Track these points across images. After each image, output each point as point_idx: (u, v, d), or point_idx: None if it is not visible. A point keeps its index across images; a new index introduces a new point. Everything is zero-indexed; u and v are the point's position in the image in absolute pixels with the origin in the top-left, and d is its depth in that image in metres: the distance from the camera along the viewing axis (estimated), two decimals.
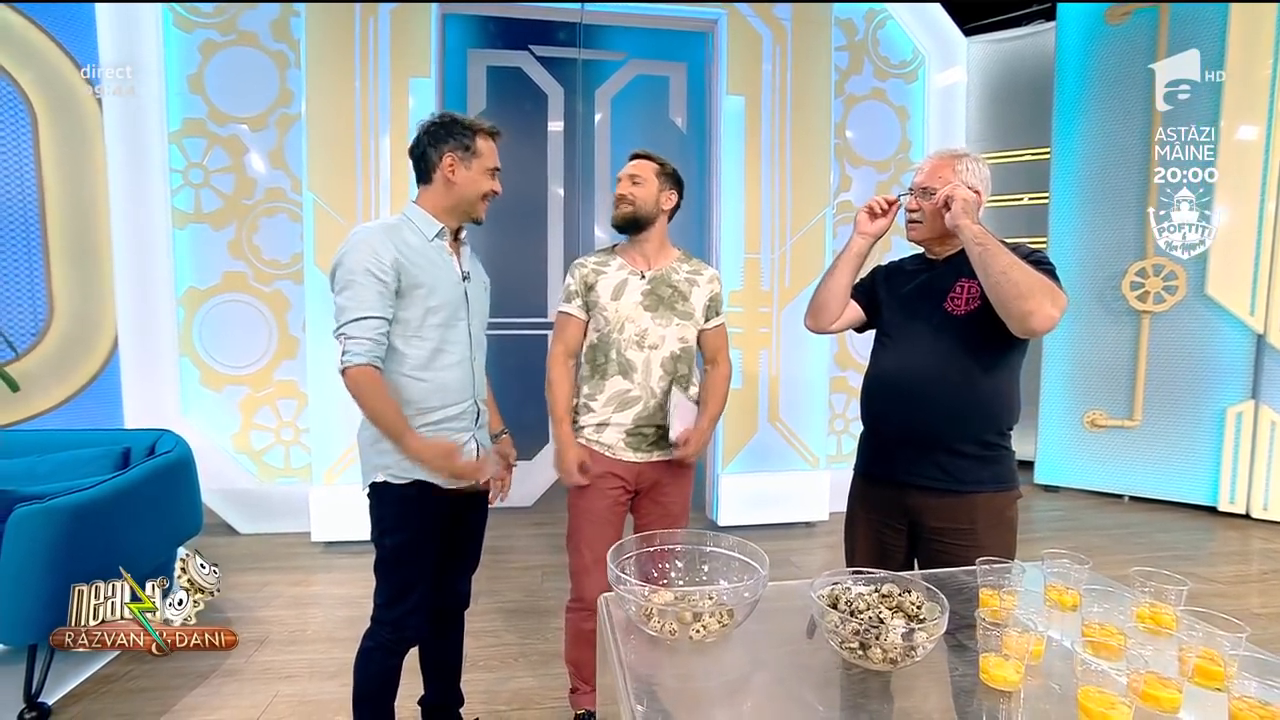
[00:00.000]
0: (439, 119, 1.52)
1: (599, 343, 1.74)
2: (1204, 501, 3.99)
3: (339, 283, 1.41)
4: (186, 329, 3.44)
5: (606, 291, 1.73)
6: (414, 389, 1.47)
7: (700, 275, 1.80)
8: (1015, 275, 1.28)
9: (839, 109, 3.91)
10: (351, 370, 1.37)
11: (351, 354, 1.37)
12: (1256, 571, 3.23)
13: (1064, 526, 3.81)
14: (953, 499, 1.41)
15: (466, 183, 1.52)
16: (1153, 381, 4.05)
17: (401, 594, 1.51)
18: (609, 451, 1.73)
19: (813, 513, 3.73)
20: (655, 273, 1.75)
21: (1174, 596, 1.04)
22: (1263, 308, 3.77)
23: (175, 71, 3.35)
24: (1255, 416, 3.82)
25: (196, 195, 3.42)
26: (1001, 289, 1.28)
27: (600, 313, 1.72)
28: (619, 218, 1.74)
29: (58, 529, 1.88)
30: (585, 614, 1.76)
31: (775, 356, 3.69)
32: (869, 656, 0.89)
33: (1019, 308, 1.27)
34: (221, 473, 3.40)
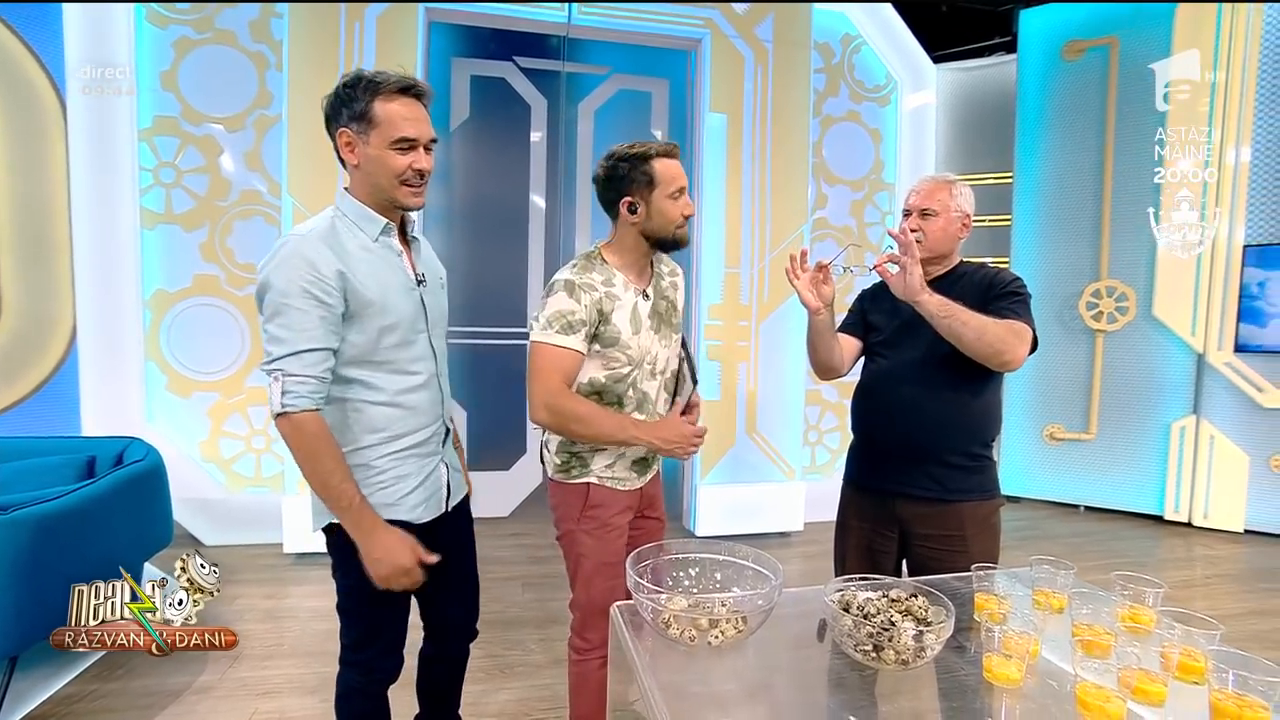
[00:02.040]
0: (339, 83, 1.23)
1: (610, 383, 1.50)
2: (1152, 511, 4.22)
3: (269, 307, 1.16)
4: (153, 332, 3.32)
5: (625, 324, 1.47)
6: (377, 416, 1.27)
7: (676, 276, 1.68)
8: (989, 335, 1.36)
9: (816, 129, 4.04)
10: (297, 416, 1.14)
11: (295, 395, 1.14)
12: (1200, 576, 3.43)
13: (1026, 535, 3.97)
14: (942, 507, 1.48)
15: (370, 164, 1.22)
16: (1106, 397, 4.27)
17: (369, 637, 1.36)
18: (621, 485, 1.56)
19: (789, 523, 3.80)
20: (653, 287, 1.58)
21: (1151, 599, 1.12)
22: (1202, 328, 4.03)
23: (147, 68, 3.25)
24: (1196, 430, 4.07)
25: (167, 195, 3.31)
26: (979, 349, 1.37)
27: (622, 350, 1.47)
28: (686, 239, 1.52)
29: (21, 542, 1.80)
30: (601, 660, 1.53)
31: (753, 370, 3.76)
32: (882, 658, 0.94)
33: (999, 360, 1.38)
34: (188, 482, 3.28)
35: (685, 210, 1.49)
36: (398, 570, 1.21)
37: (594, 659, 1.57)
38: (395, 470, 1.31)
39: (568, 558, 1.59)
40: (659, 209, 1.47)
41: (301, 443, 1.15)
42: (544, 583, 3.07)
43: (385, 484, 1.30)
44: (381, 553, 1.20)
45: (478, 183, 4.02)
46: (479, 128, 3.95)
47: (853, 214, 4.21)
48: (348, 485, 1.19)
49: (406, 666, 1.47)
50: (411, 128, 1.20)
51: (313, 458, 1.16)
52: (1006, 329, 1.38)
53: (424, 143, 1.24)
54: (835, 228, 4.18)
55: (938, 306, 1.37)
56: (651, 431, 1.46)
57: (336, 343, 1.20)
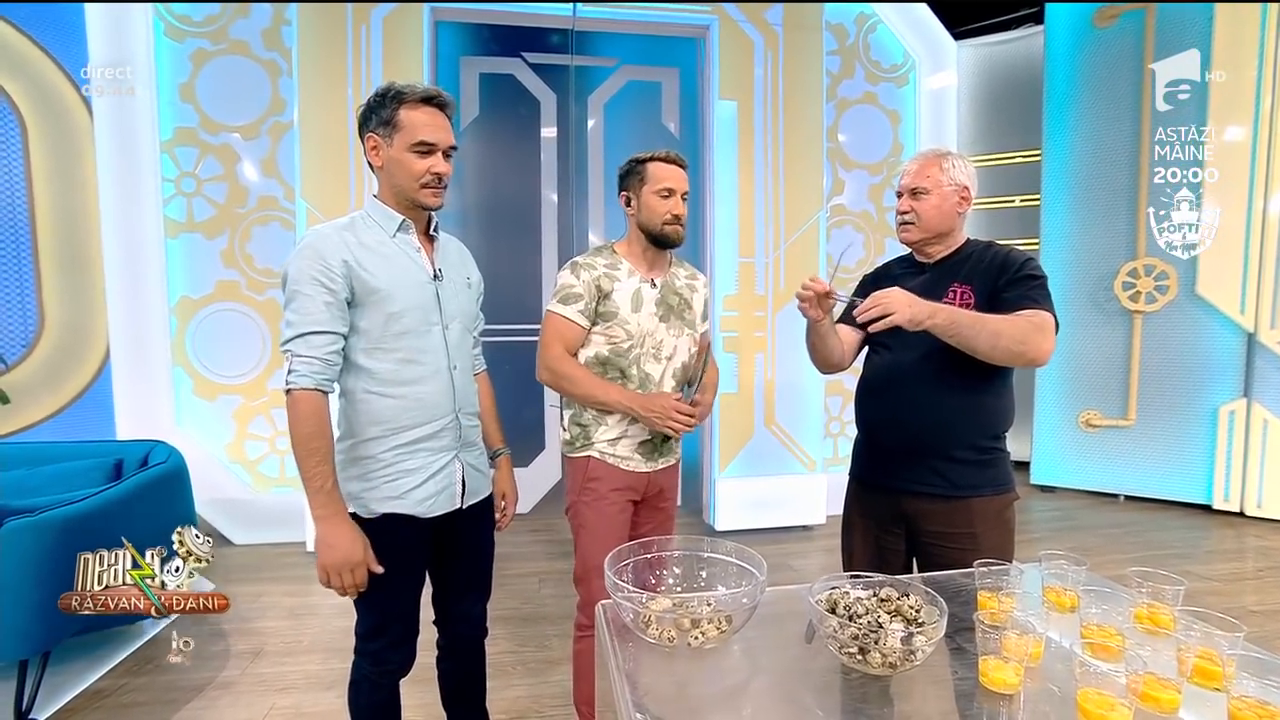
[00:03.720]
0: (371, 94, 1.33)
1: (613, 356, 1.63)
2: (1199, 500, 4.01)
3: (286, 295, 1.27)
4: (179, 338, 3.42)
5: (625, 302, 1.61)
6: (383, 406, 1.32)
7: (696, 281, 1.78)
8: (1005, 338, 1.28)
9: (831, 113, 3.93)
10: (296, 393, 1.22)
11: (298, 374, 1.23)
12: (1251, 569, 3.25)
13: (1060, 527, 3.82)
14: (951, 504, 1.41)
15: (393, 165, 1.31)
16: (1146, 381, 4.07)
17: (380, 628, 1.40)
18: (624, 464, 1.65)
19: (810, 516, 3.73)
20: (663, 280, 1.68)
21: (1171, 596, 1.04)
22: (1253, 306, 3.79)
23: (166, 80, 3.34)
24: (1248, 414, 3.84)
25: (189, 204, 3.41)
26: (998, 353, 1.30)
27: (621, 325, 1.61)
28: (678, 238, 1.62)
29: (49, 542, 1.86)
30: None
31: (770, 360, 3.69)
32: (868, 661, 0.89)
33: (1022, 360, 1.31)
34: (215, 483, 3.38)
35: (673, 209, 1.60)
36: (345, 562, 1.23)
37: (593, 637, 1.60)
38: (401, 464, 1.34)
39: (573, 533, 1.70)
40: (646, 204, 1.61)
41: (295, 418, 1.23)
42: (562, 579, 3.07)
43: (390, 477, 1.33)
44: (335, 540, 1.23)
45: (490, 180, 4.03)
46: (489, 125, 3.96)
47: (871, 199, 4.09)
48: (325, 467, 1.24)
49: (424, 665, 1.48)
50: (431, 133, 1.30)
51: (302, 433, 1.23)
52: (1026, 325, 1.29)
53: (443, 148, 1.32)
54: (853, 213, 4.07)
55: (945, 324, 1.28)
56: (633, 400, 1.58)
57: (344, 328, 1.28)
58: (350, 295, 1.27)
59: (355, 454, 1.33)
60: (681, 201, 1.61)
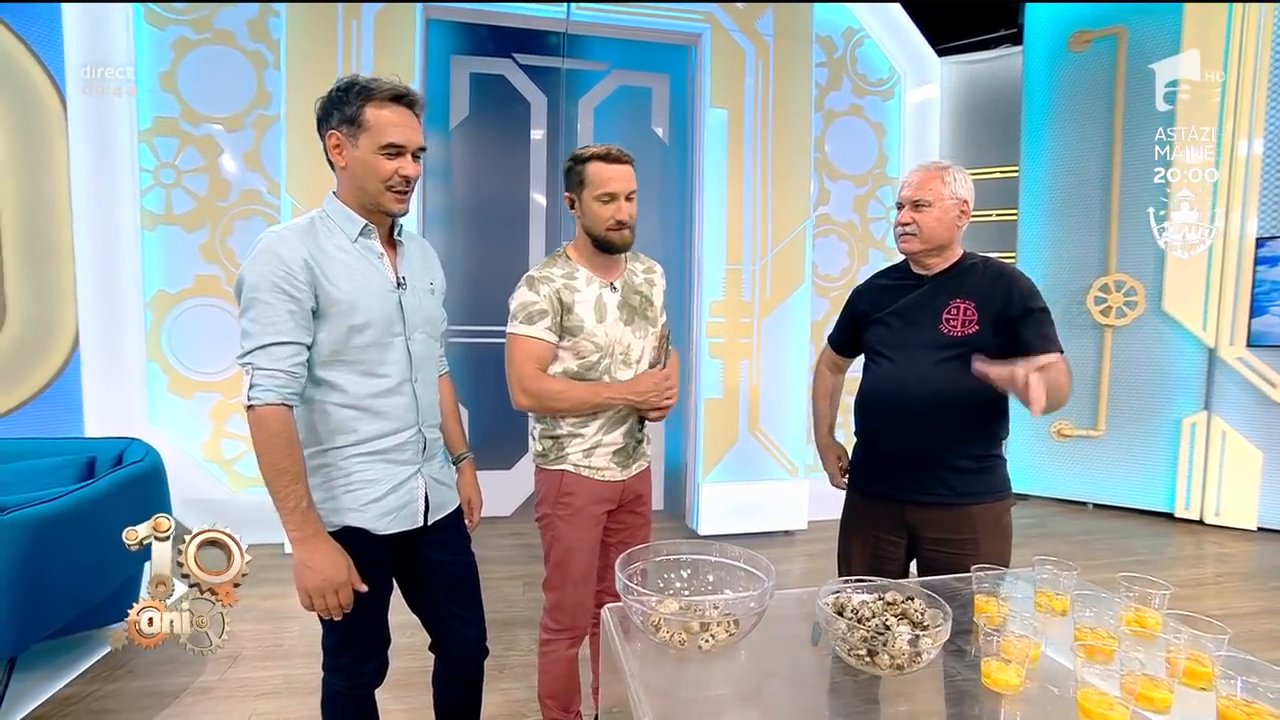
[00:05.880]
0: (332, 87, 1.22)
1: (582, 371, 1.56)
2: (1162, 508, 4.16)
3: (243, 302, 1.16)
4: (155, 333, 3.33)
5: (588, 313, 1.54)
6: (344, 417, 1.25)
7: (654, 274, 1.72)
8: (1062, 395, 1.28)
9: (818, 124, 3.99)
10: (260, 410, 1.13)
11: (261, 388, 1.13)
12: (1211, 574, 3.38)
13: (1034, 533, 3.92)
14: (953, 511, 1.44)
15: (357, 166, 1.21)
16: (1115, 393, 4.21)
17: (348, 642, 1.34)
18: (598, 475, 1.60)
19: (792, 521, 3.77)
20: (623, 281, 1.62)
21: (1157, 601, 1.09)
22: (1214, 323, 3.96)
23: (146, 69, 3.25)
24: (1208, 427, 4.00)
25: (168, 196, 3.32)
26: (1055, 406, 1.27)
27: (588, 339, 1.54)
28: (623, 243, 1.54)
29: (20, 542, 1.80)
30: (570, 641, 1.66)
31: (755, 367, 3.73)
32: (876, 663, 0.91)
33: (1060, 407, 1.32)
34: (190, 482, 3.28)
35: (616, 214, 1.50)
36: (329, 584, 1.16)
37: (563, 640, 1.66)
38: (361, 474, 1.27)
39: (544, 541, 1.67)
40: (588, 209, 1.53)
41: (261, 437, 1.14)
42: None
43: (351, 487, 1.27)
44: (314, 562, 1.15)
45: (478, 181, 4.00)
46: (479, 125, 3.93)
47: (856, 209, 4.17)
48: (298, 486, 1.15)
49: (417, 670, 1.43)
50: (400, 134, 1.21)
51: (269, 453, 1.14)
52: (1066, 378, 1.30)
53: (412, 150, 1.24)
54: (838, 223, 4.14)
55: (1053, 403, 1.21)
56: (624, 390, 1.55)
57: (308, 338, 1.19)
58: (315, 305, 1.18)
59: (313, 462, 1.26)
60: (627, 203, 1.51)
